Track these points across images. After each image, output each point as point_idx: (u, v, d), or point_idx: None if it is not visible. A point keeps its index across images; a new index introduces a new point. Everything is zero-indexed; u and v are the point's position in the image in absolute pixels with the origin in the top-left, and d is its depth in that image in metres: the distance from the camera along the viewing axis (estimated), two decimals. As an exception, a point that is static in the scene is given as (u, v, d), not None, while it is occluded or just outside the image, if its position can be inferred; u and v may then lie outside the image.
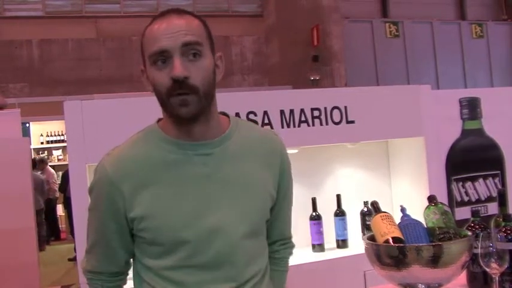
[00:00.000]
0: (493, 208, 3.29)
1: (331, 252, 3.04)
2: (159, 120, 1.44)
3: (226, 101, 1.63)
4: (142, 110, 2.42)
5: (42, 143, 11.34)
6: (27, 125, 10.76)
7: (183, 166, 1.36)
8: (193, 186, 1.35)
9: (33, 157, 10.02)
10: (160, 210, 1.33)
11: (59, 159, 11.41)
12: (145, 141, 1.40)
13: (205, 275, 1.35)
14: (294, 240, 1.69)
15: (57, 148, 11.45)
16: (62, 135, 11.03)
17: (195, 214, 1.34)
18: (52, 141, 11.37)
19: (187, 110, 1.30)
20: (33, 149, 10.91)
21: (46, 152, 11.48)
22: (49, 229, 9.88)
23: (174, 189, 1.35)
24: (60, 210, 10.63)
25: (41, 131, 11.29)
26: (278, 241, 1.62)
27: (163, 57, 1.29)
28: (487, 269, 1.68)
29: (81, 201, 2.36)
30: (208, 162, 1.37)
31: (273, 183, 1.49)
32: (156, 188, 1.34)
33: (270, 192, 1.47)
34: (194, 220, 1.34)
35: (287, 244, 1.66)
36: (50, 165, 10.68)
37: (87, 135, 2.43)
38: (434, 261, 1.53)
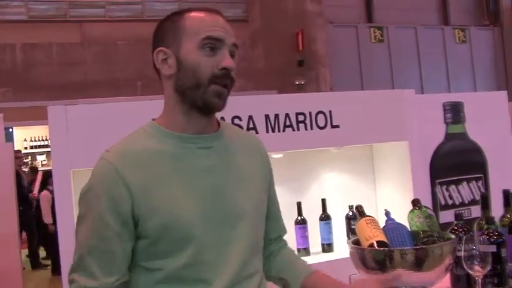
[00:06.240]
0: (476, 211, 3.31)
1: (317, 256, 3.04)
2: (153, 120, 1.44)
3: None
4: (127, 115, 2.41)
5: (25, 148, 11.25)
6: (11, 129, 10.67)
7: (187, 159, 1.37)
8: (199, 179, 1.36)
9: None
10: (170, 204, 1.31)
11: (43, 164, 11.31)
12: (146, 137, 1.39)
13: (212, 271, 1.34)
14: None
15: (41, 153, 11.35)
16: (46, 140, 10.95)
17: (204, 207, 1.34)
18: (36, 146, 11.28)
19: (220, 102, 1.37)
20: (17, 154, 10.81)
21: (30, 157, 11.38)
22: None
23: (181, 182, 1.34)
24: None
25: (24, 136, 11.19)
26: (275, 239, 1.63)
27: (213, 45, 1.35)
28: (470, 272, 1.69)
29: (65, 208, 2.34)
30: (209, 155, 1.39)
31: (265, 180, 1.53)
32: (163, 181, 1.32)
33: (264, 186, 1.52)
34: (204, 214, 1.34)
35: (283, 241, 1.67)
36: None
37: (71, 140, 2.41)
38: (419, 264, 1.54)
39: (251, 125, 2.75)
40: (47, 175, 7.67)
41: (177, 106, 1.39)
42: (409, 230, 1.77)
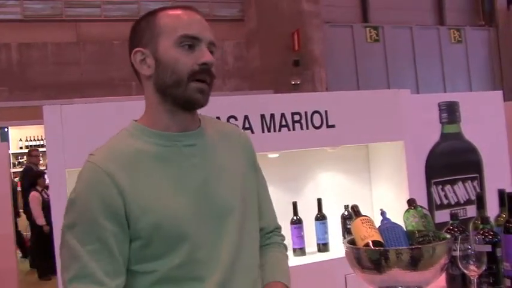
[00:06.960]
0: (471, 211, 3.33)
1: (312, 256, 3.05)
2: (135, 121, 1.43)
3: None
4: (123, 115, 2.40)
5: (21, 147, 11.21)
6: (6, 129, 10.64)
7: (173, 158, 1.36)
8: (187, 177, 1.35)
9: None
10: (160, 203, 1.30)
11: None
12: (131, 138, 1.38)
13: (205, 268, 1.33)
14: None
15: (36, 153, 11.31)
16: (42, 139, 10.91)
17: (194, 205, 1.34)
18: (31, 146, 11.24)
19: (203, 98, 1.36)
20: (12, 154, 10.78)
21: (25, 156, 11.34)
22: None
23: (169, 181, 1.33)
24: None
25: (20, 136, 11.15)
26: (269, 230, 1.61)
27: (191, 42, 1.34)
28: (466, 271, 1.70)
29: (60, 208, 2.33)
30: (195, 153, 1.39)
31: (250, 172, 1.53)
32: (151, 181, 1.31)
33: (250, 178, 1.51)
34: (193, 212, 1.33)
35: (275, 231, 1.64)
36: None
37: (67, 139, 2.41)
38: (414, 264, 1.54)
39: (247, 125, 2.75)
40: (37, 175, 7.62)
41: (159, 106, 1.38)
42: (405, 229, 1.77)
